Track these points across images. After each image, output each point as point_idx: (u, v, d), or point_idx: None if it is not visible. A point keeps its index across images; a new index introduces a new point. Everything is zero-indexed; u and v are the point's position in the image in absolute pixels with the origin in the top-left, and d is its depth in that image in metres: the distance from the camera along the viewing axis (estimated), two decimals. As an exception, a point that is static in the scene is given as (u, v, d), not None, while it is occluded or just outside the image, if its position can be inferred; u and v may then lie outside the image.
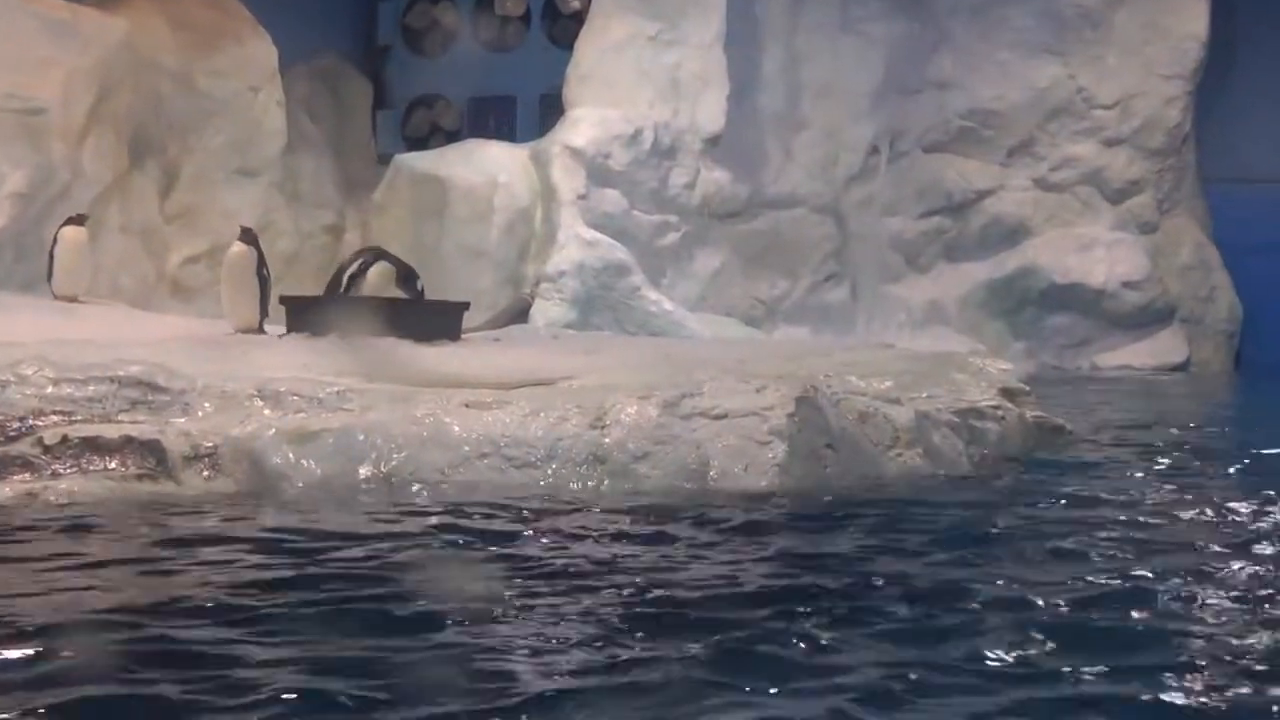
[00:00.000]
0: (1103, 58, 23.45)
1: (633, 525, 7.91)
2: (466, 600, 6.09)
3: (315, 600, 6.04)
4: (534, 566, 6.85)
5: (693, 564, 6.94)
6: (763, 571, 6.81)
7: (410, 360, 11.29)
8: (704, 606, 6.02)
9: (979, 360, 13.90)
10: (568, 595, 6.18)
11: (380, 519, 7.96)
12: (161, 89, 18.63)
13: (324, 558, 6.97)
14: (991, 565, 6.95)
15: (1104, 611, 5.99)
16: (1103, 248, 23.18)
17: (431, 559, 7.00)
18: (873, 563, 7.03)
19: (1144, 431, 14.28)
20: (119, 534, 7.56)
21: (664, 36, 21.14)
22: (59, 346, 10.69)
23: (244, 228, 15.01)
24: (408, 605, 5.97)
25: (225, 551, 7.07)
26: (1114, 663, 5.22)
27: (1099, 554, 7.25)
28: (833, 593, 6.32)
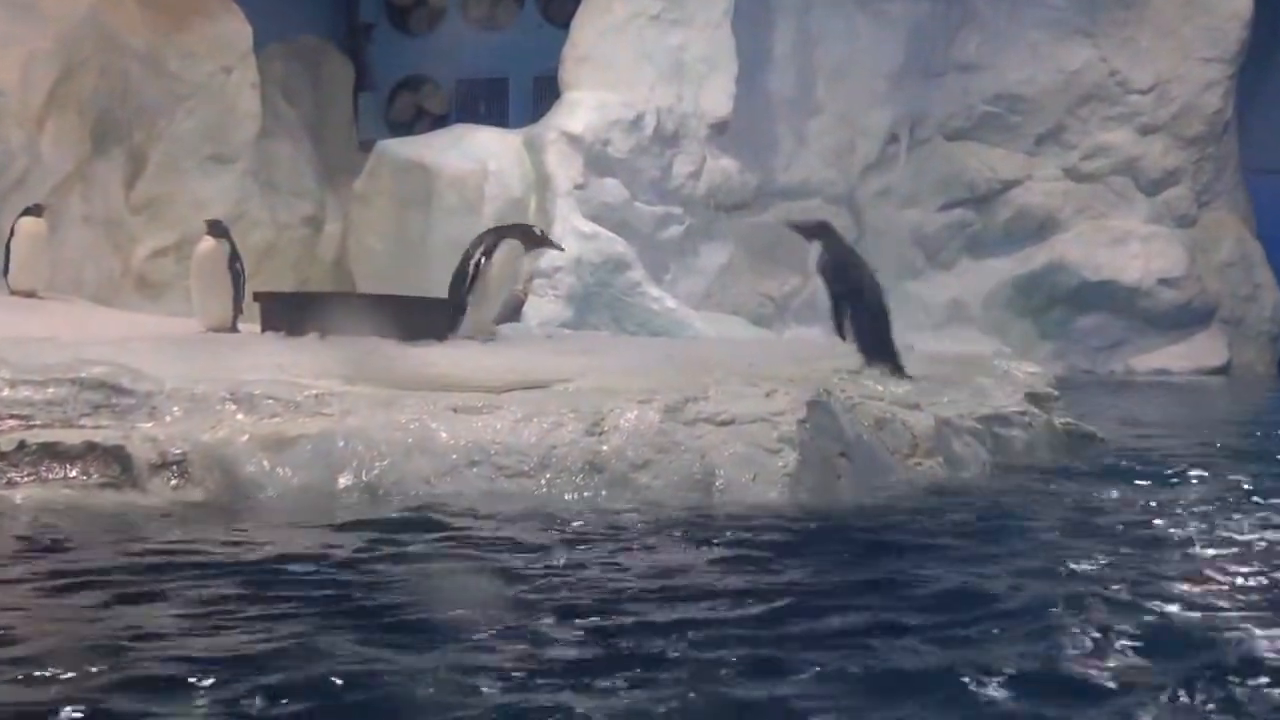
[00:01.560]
0: (1137, 39, 23.46)
1: (631, 539, 7.91)
2: (449, 619, 6.10)
3: (288, 618, 6.06)
4: (521, 583, 6.85)
5: (693, 582, 6.94)
6: (769, 589, 6.80)
7: (394, 361, 11.29)
8: (704, 629, 6.01)
9: (1004, 363, 13.93)
10: (554, 616, 6.19)
11: (359, 532, 7.95)
12: (128, 70, 18.63)
13: (297, 575, 6.97)
14: (1016, 583, 6.93)
15: (1130, 627, 6.00)
16: (1137, 242, 23.20)
17: (412, 574, 6.99)
18: (888, 582, 7.03)
19: (1182, 440, 14.26)
20: (79, 548, 7.55)
21: (668, 15, 21.16)
22: (16, 345, 10.70)
23: (212, 220, 15.04)
24: (388, 626, 5.97)
25: (192, 570, 7.06)
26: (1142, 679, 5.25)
27: (1128, 573, 7.25)
28: (848, 614, 6.33)
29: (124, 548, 7.55)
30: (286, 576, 6.89)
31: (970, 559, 7.53)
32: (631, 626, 5.99)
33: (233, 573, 6.93)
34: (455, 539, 7.80)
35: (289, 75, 22.45)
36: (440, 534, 7.89)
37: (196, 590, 6.55)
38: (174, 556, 7.28)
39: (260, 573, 6.98)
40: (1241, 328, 23.80)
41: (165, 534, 7.87)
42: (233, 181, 19.49)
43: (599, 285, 19.60)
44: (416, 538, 7.80)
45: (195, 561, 7.15)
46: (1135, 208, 23.53)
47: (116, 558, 7.30)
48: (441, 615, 6.18)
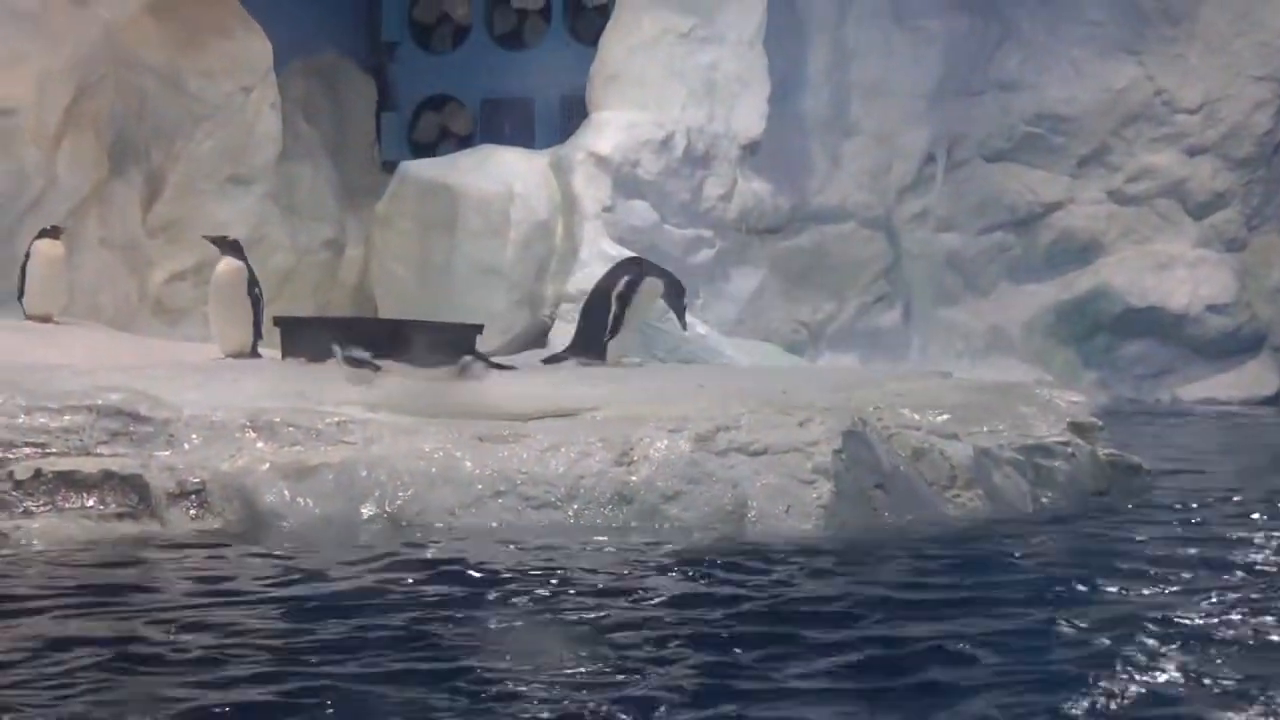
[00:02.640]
0: (1185, 56, 23.45)
1: (661, 573, 7.92)
2: (477, 655, 6.15)
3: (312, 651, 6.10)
4: (550, 618, 6.88)
5: (725, 619, 6.95)
6: (807, 625, 6.82)
7: (419, 389, 11.33)
8: (736, 676, 6.05)
9: (1046, 392, 13.89)
10: (587, 655, 6.21)
11: (383, 564, 7.98)
12: (145, 89, 18.71)
13: (320, 608, 7.01)
14: (1063, 623, 6.93)
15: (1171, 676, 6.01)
16: (1184, 267, 23.18)
17: (439, 611, 7.02)
18: (929, 619, 7.04)
19: (1231, 472, 14.24)
20: (95, 578, 7.60)
21: (699, 33, 21.20)
22: (32, 372, 10.76)
23: (231, 241, 15.06)
24: (418, 661, 6.02)
25: (212, 603, 7.11)
26: None
27: (1175, 611, 7.24)
28: (893, 653, 6.34)
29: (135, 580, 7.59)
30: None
31: (1007, 598, 7.55)
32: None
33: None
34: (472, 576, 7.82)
35: (310, 95, 22.50)
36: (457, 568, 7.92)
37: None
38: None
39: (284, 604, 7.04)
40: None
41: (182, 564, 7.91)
42: (252, 204, 19.53)
43: (629, 310, 19.64)
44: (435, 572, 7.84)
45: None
46: (1182, 231, 23.51)
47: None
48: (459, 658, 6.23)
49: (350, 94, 23.50)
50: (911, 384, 13.63)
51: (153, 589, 7.41)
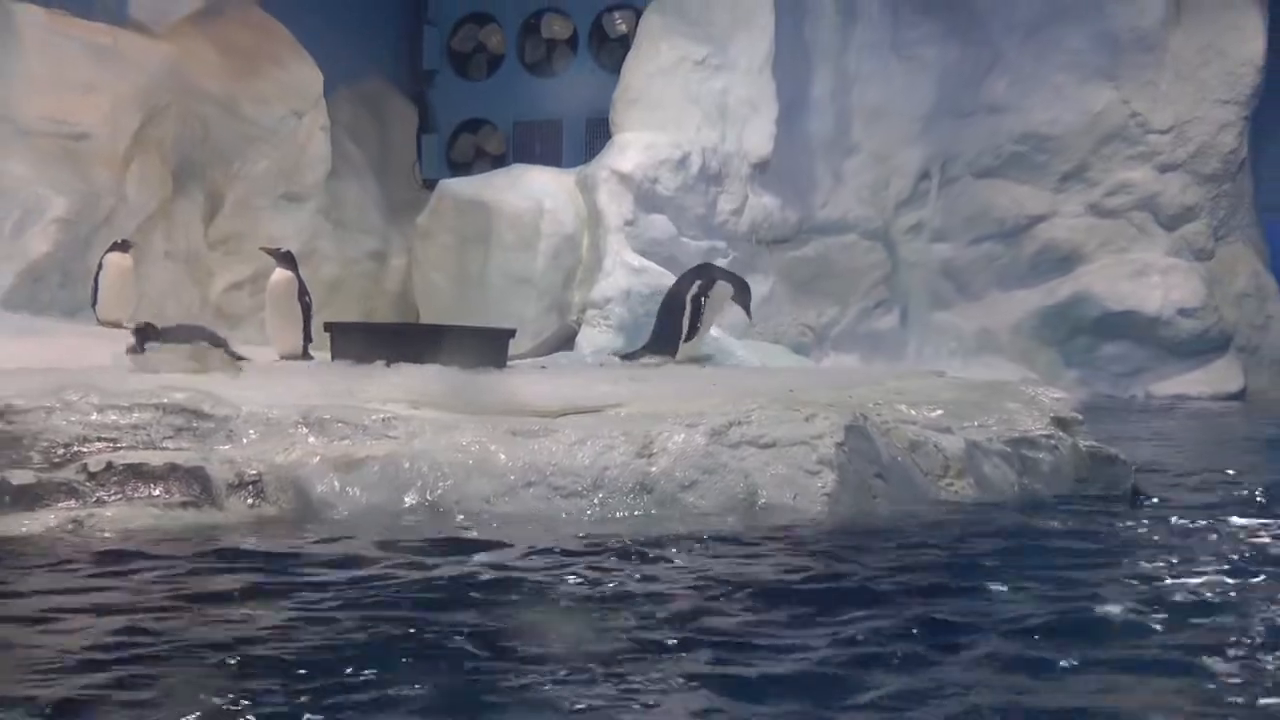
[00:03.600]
0: (1157, 82, 23.41)
1: (679, 555, 7.92)
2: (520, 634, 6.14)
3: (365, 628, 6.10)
4: (575, 595, 6.88)
5: (739, 597, 6.95)
6: (815, 597, 6.82)
7: (457, 388, 11.32)
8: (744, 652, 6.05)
9: (1031, 389, 13.84)
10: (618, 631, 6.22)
11: (426, 548, 7.98)
12: (206, 115, 18.74)
13: (371, 587, 7.01)
14: (1043, 596, 6.94)
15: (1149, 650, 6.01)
16: (1157, 274, 23.14)
17: (481, 591, 7.02)
18: (927, 596, 7.03)
19: (1201, 462, 14.20)
20: (163, 563, 7.60)
21: (712, 60, 21.20)
22: (104, 373, 10.76)
23: (284, 253, 15.05)
24: (466, 638, 6.01)
25: (277, 585, 7.11)
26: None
27: (1154, 592, 7.23)
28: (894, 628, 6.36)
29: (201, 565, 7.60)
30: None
31: (999, 575, 7.56)
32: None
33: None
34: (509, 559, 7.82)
35: (356, 119, 22.53)
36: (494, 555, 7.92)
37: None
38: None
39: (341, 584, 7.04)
40: (1256, 355, 23.71)
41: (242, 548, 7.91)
42: (304, 219, 19.57)
43: (648, 316, 19.57)
44: (475, 556, 7.84)
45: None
46: (1155, 242, 23.47)
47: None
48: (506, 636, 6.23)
49: (393, 118, 23.53)
50: (908, 382, 13.61)
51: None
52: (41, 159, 16.99)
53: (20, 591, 6.90)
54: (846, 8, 22.76)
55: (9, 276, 16.39)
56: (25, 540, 8.06)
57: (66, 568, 7.39)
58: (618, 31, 23.34)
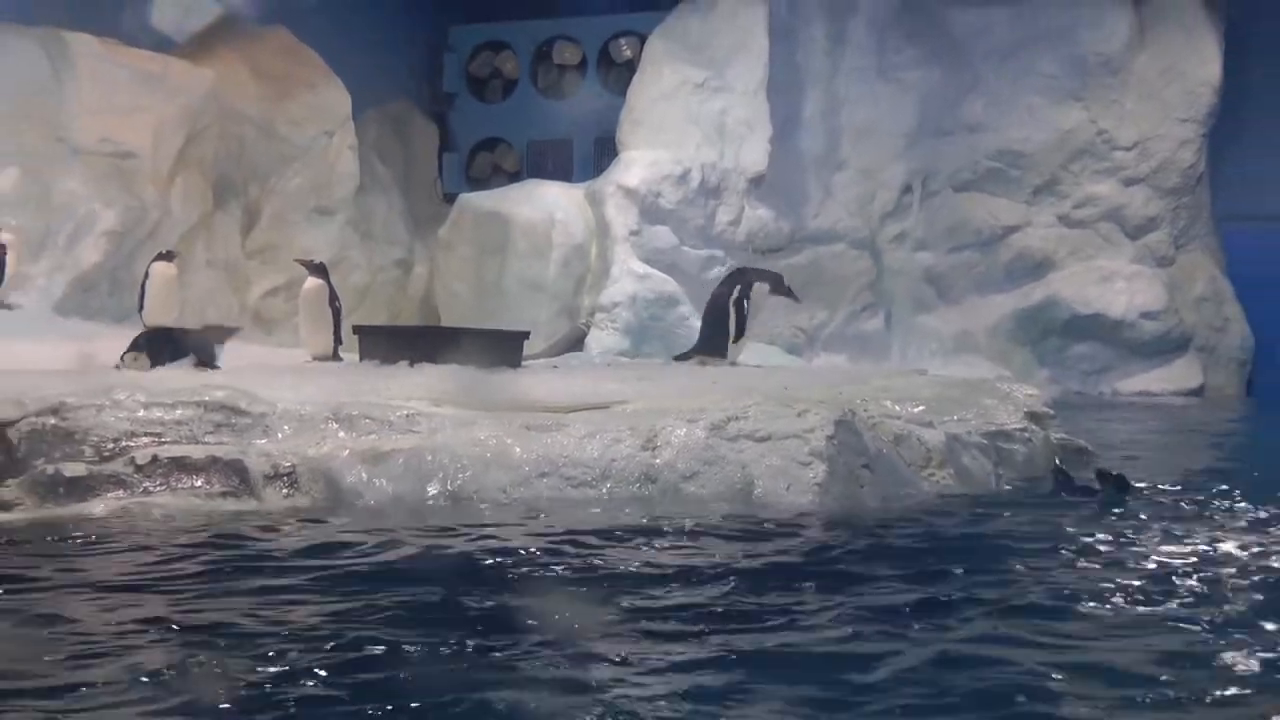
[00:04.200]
0: (1122, 102, 23.37)
1: (681, 539, 7.91)
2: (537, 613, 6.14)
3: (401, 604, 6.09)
4: (581, 575, 6.87)
5: (735, 577, 6.94)
6: (802, 582, 6.81)
7: (476, 386, 11.31)
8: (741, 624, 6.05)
9: (1006, 386, 13.83)
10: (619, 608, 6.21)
11: (446, 533, 7.97)
12: (244, 135, 18.75)
13: (402, 569, 7.01)
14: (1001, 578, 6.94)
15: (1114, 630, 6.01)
16: (1122, 280, 23.09)
17: (497, 569, 7.02)
18: (911, 577, 7.02)
19: (1162, 453, 14.20)
20: (210, 547, 7.59)
21: (711, 83, 21.19)
22: (150, 373, 10.76)
23: (317, 263, 15.08)
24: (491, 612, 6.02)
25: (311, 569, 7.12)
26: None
27: (1115, 575, 7.23)
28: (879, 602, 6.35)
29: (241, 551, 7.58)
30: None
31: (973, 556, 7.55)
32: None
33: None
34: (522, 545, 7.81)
35: (382, 138, 22.53)
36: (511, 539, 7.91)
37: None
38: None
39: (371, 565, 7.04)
40: (1214, 355, 23.66)
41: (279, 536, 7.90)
42: (334, 231, 19.57)
43: (652, 319, 19.62)
44: (493, 541, 7.83)
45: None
46: (1120, 250, 23.43)
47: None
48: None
49: (416, 137, 23.53)
50: (893, 380, 13.60)
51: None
52: (93, 176, 17.00)
53: (72, 572, 6.91)
54: (836, 35, 22.75)
55: (62, 285, 16.41)
56: (77, 527, 8.08)
57: (115, 552, 7.39)
58: (623, 57, 23.33)
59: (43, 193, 16.77)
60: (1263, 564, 7.45)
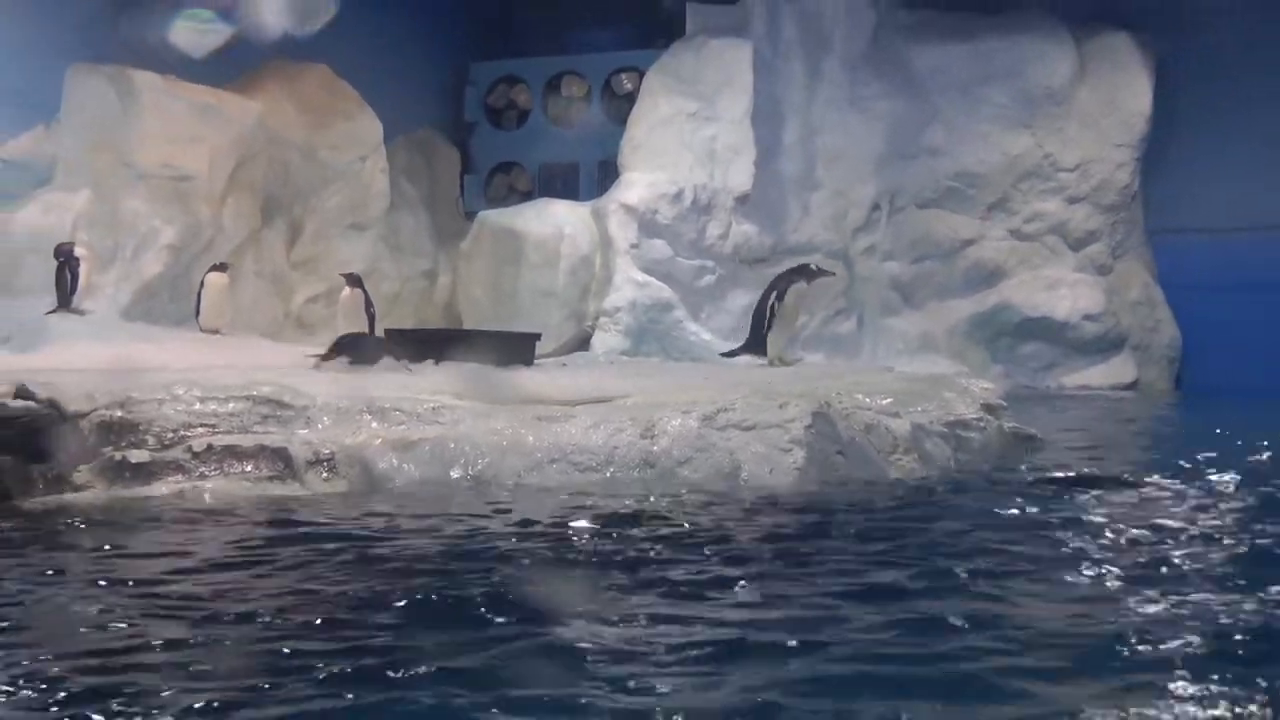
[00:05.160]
0: (1065, 130, 23.33)
1: (677, 516, 7.91)
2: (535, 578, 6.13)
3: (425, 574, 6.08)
4: (586, 547, 6.87)
5: (725, 548, 6.93)
6: (790, 550, 6.80)
7: (493, 381, 11.30)
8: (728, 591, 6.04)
9: (964, 381, 13.86)
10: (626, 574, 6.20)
11: (469, 512, 7.97)
12: (288, 159, 18.74)
13: (428, 543, 7.01)
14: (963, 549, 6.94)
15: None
16: (1066, 287, 23.07)
17: (519, 542, 7.01)
18: (877, 544, 7.02)
19: (1099, 440, 14.21)
20: (262, 525, 7.59)
21: (702, 113, 21.18)
22: (205, 371, 10.76)
23: (353, 274, 15.15)
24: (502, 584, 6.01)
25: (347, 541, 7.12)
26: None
27: (1048, 535, 7.24)
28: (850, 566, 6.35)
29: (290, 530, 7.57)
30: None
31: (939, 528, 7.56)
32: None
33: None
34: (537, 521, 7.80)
35: (410, 162, 22.50)
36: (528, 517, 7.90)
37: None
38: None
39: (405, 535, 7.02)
40: (1147, 353, 23.64)
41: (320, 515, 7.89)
42: (368, 245, 19.54)
43: (650, 322, 19.60)
44: (509, 519, 7.82)
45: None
46: (1064, 260, 23.40)
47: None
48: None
49: (440, 161, 23.51)
50: (863, 376, 13.64)
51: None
52: (155, 197, 16.99)
53: (134, 546, 6.92)
54: (812, 70, 22.72)
55: (128, 293, 16.41)
56: (141, 507, 8.10)
57: (173, 529, 7.41)
58: (624, 90, 23.30)
59: (111, 212, 16.76)
60: (1198, 533, 7.46)
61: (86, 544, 7.02)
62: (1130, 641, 5.03)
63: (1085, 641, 5.11)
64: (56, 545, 6.96)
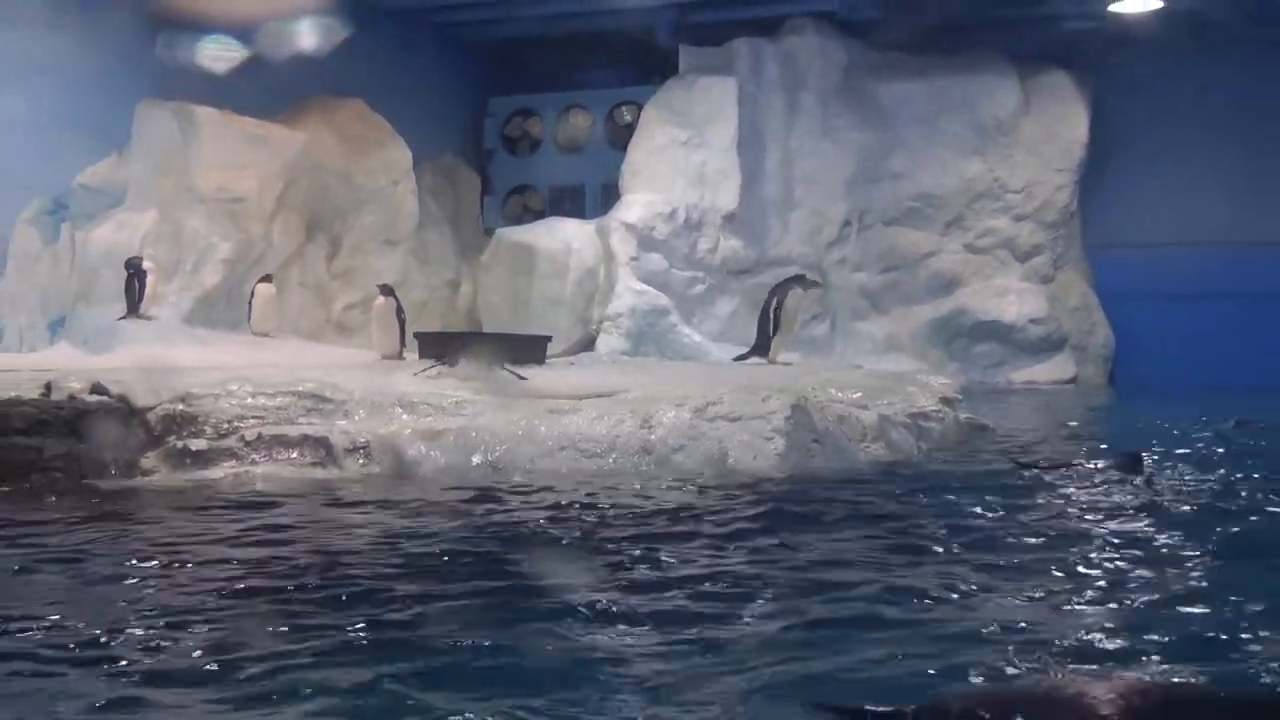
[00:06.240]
0: (1012, 156, 23.32)
1: (673, 494, 7.92)
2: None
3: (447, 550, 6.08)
4: (591, 519, 6.87)
5: (715, 522, 6.93)
6: (771, 521, 6.80)
7: (510, 379, 11.30)
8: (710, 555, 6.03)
9: (925, 377, 13.87)
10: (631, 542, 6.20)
11: (490, 493, 7.98)
12: (328, 183, 18.72)
13: (452, 520, 7.01)
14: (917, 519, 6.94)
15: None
16: (1014, 294, 23.04)
17: (530, 517, 7.01)
18: (841, 522, 7.03)
19: (1042, 428, 14.21)
20: (297, 504, 7.59)
21: (693, 141, 21.17)
22: (256, 369, 10.78)
23: (384, 284, 15.19)
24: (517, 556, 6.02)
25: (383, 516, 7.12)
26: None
27: (991, 510, 7.23)
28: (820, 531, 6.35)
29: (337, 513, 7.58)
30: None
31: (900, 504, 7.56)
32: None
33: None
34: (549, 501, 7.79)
35: (436, 185, 22.47)
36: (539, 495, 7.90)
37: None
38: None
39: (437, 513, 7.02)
40: (1084, 353, 23.61)
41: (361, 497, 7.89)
42: (399, 258, 19.51)
43: (648, 326, 19.58)
44: (521, 498, 7.82)
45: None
46: (1012, 271, 23.38)
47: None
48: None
49: (463, 184, 23.49)
50: (836, 374, 13.65)
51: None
52: (212, 217, 17.00)
53: (196, 524, 6.94)
54: (790, 104, 22.69)
55: (189, 301, 16.43)
56: (200, 489, 8.14)
57: (228, 508, 7.42)
58: (625, 121, 23.29)
59: (175, 230, 16.77)
60: (1117, 504, 7.47)
61: (155, 518, 7.12)
62: (1080, 599, 5.06)
63: (1039, 602, 5.12)
64: (130, 519, 7.08)
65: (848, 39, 23.04)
